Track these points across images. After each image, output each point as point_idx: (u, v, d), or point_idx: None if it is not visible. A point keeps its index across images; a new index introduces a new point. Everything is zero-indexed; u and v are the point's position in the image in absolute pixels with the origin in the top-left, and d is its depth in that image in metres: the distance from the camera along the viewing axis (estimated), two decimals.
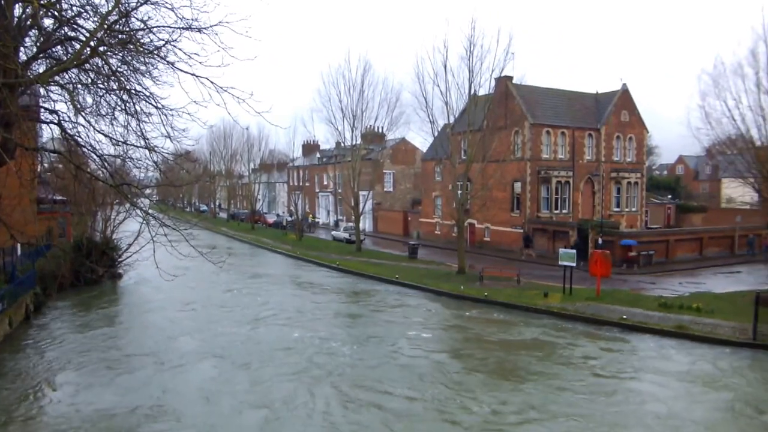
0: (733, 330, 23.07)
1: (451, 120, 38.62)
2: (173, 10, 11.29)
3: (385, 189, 70.83)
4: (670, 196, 73.03)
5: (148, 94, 12.43)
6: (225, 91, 11.11)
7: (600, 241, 39.14)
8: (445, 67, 36.85)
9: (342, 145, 57.90)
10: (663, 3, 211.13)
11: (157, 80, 12.74)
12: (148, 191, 20.01)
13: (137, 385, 17.92)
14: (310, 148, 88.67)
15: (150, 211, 14.48)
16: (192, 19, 11.29)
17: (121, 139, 12.81)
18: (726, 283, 34.39)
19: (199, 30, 11.31)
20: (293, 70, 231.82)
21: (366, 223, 66.27)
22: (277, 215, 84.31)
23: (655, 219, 61.53)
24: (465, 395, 17.22)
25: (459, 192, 39.26)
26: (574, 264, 30.00)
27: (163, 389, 17.46)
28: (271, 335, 24.10)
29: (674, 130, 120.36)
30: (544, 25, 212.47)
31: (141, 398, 16.70)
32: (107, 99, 12.90)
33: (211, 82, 11.11)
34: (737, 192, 55.56)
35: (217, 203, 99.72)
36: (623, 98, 51.77)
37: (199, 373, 19.18)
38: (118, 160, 15.76)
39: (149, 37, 11.77)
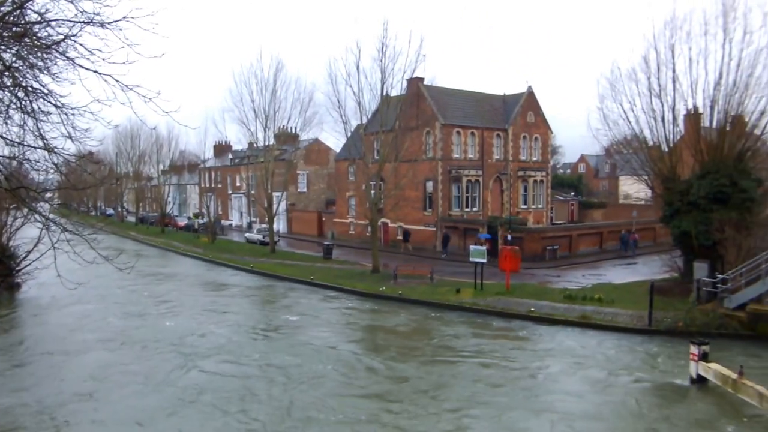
0: (631, 317, 24.56)
1: (364, 120, 38.87)
2: (73, 3, 10.75)
3: (299, 190, 70.39)
4: (573, 193, 76.41)
5: (46, 91, 11.77)
6: (130, 89, 10.70)
7: (509, 237, 40.51)
8: (358, 67, 37.06)
9: (255, 145, 56.88)
10: (566, 10, 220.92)
11: (57, 77, 12.07)
12: (48, 195, 18.98)
13: (38, 379, 18.89)
14: (222, 148, 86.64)
15: (51, 216, 13.79)
16: (94, 13, 10.76)
17: (17, 140, 12.12)
18: (624, 274, 36.47)
19: (102, 25, 10.81)
20: (204, 68, 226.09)
21: (280, 225, 65.60)
22: (189, 218, 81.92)
23: (559, 215, 64.43)
24: (312, 360, 20.31)
25: (372, 192, 39.59)
26: (484, 260, 30.91)
27: (61, 378, 18.95)
28: (158, 325, 26.27)
29: (576, 130, 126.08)
30: (453, 28, 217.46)
31: (43, 389, 17.74)
32: (0, 96, 12.19)
33: (116, 80, 10.67)
34: (633, 189, 59.14)
35: (124, 206, 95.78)
36: (529, 100, 53.88)
37: (92, 359, 21.05)
38: (14, 162, 14.89)
39: (47, 31, 11.16)
